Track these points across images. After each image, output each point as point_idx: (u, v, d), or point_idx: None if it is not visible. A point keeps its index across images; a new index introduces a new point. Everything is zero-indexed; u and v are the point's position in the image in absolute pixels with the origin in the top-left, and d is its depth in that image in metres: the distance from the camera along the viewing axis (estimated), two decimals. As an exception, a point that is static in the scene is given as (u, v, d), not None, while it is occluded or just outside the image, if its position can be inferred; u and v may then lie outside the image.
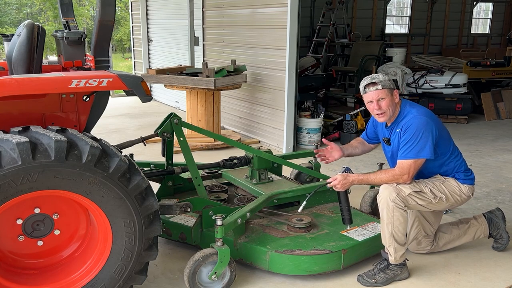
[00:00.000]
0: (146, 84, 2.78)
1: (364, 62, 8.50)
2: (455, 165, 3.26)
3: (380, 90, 3.11)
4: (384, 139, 3.33)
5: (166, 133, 3.46)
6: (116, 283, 2.66)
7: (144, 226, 2.63)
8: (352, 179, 3.15)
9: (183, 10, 8.10)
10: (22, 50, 2.93)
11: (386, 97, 3.12)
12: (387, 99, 3.12)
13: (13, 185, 2.29)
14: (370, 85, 3.14)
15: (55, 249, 2.74)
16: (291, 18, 5.90)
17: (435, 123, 3.13)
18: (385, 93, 3.11)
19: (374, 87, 3.12)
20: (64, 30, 3.36)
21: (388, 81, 3.14)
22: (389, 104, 3.13)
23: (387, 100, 3.12)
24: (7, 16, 23.78)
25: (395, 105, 3.17)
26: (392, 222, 3.07)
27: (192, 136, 6.36)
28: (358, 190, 4.30)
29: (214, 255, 2.95)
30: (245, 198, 3.86)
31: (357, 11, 12.68)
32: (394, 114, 3.20)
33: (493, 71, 9.25)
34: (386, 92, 3.11)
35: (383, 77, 3.14)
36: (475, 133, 7.71)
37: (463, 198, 3.28)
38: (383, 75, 3.16)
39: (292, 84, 6.15)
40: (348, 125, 6.76)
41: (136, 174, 2.57)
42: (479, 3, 15.54)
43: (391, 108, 3.14)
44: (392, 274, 3.15)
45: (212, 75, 6.01)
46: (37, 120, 2.68)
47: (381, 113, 3.15)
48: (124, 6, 22.48)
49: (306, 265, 3.13)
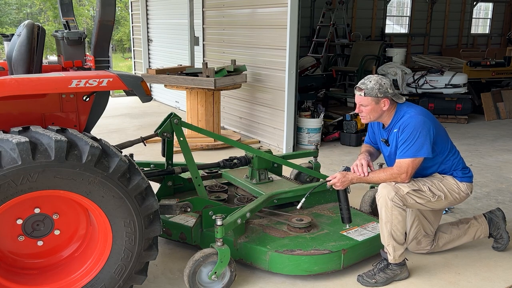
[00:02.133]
0: (146, 84, 2.78)
1: (364, 62, 8.51)
2: (452, 163, 3.27)
3: (363, 97, 3.15)
4: (382, 140, 3.34)
5: (166, 133, 3.46)
6: (116, 283, 2.66)
7: (144, 226, 2.63)
8: (351, 178, 3.17)
9: (183, 10, 8.10)
10: (22, 50, 2.93)
11: (369, 105, 3.15)
12: (369, 107, 3.15)
13: (13, 185, 2.29)
14: (357, 89, 3.19)
15: (55, 249, 2.74)
16: (291, 18, 5.90)
17: (433, 122, 3.14)
18: (367, 101, 3.14)
19: (359, 92, 3.17)
20: (64, 30, 3.36)
21: (377, 89, 3.10)
22: (370, 111, 3.17)
23: (369, 107, 3.16)
24: (7, 16, 23.78)
25: (381, 112, 3.18)
26: (390, 221, 3.07)
27: (192, 136, 6.36)
28: (358, 190, 4.30)
29: (214, 255, 2.95)
30: (245, 198, 3.86)
31: (357, 11, 12.69)
32: (389, 116, 3.21)
33: (493, 71, 9.26)
34: (369, 100, 3.14)
35: (372, 85, 3.11)
36: (475, 133, 7.71)
37: (461, 196, 3.28)
38: (374, 83, 3.11)
39: (292, 84, 6.15)
40: (348, 125, 6.76)
41: (136, 174, 2.57)
42: (479, 3, 15.55)
43: (372, 115, 3.19)
44: (392, 273, 3.16)
45: (212, 75, 6.01)
46: (37, 120, 2.68)
47: (361, 116, 3.24)
48: (124, 6, 22.48)
49: (306, 265, 3.13)
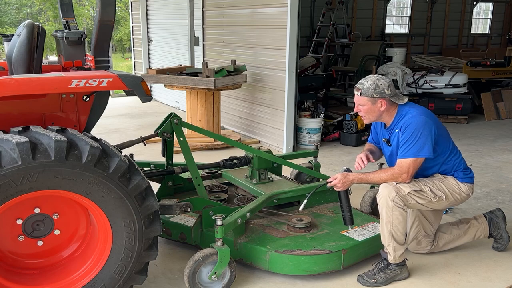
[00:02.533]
0: (146, 84, 2.78)
1: (364, 62, 8.51)
2: (454, 164, 3.27)
3: (359, 97, 3.17)
4: (384, 139, 3.33)
5: (166, 133, 3.46)
6: (116, 283, 2.66)
7: (144, 226, 2.63)
8: (352, 178, 3.17)
9: (183, 10, 8.10)
10: (22, 50, 2.93)
11: (365, 105, 3.16)
12: (366, 106, 3.16)
13: (13, 185, 2.29)
14: (355, 88, 3.21)
15: (55, 249, 2.74)
16: (291, 18, 5.90)
17: (434, 123, 3.14)
18: (363, 101, 3.15)
19: (356, 92, 3.19)
20: (64, 30, 3.36)
21: (373, 90, 3.09)
22: (367, 111, 3.18)
23: (366, 107, 3.17)
24: (7, 16, 23.78)
25: (379, 112, 3.18)
26: (391, 221, 3.07)
27: (192, 136, 6.36)
28: (358, 190, 4.30)
29: (214, 255, 2.95)
30: (245, 198, 3.86)
31: (357, 11, 12.68)
32: (390, 116, 3.21)
33: (493, 71, 9.26)
34: (365, 100, 3.14)
35: (368, 85, 3.11)
36: (475, 133, 7.71)
37: (462, 196, 3.28)
38: (371, 83, 3.11)
39: (292, 84, 6.15)
40: (348, 125, 6.75)
41: (136, 174, 2.57)
42: (479, 3, 15.54)
43: (370, 115, 3.20)
44: (392, 273, 3.15)
45: (212, 75, 6.01)
46: (37, 120, 2.68)
47: (361, 116, 3.26)
48: (124, 6, 22.47)
49: (306, 265, 3.13)
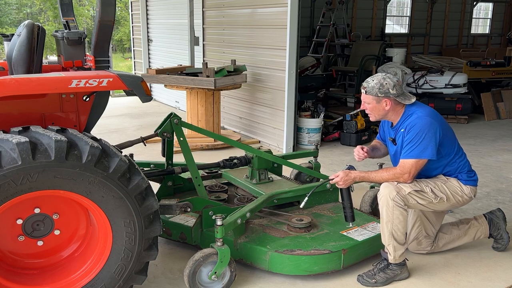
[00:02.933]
0: (146, 84, 2.78)
1: (364, 62, 8.50)
2: (458, 166, 3.26)
3: (365, 95, 3.19)
4: (390, 138, 3.33)
5: (166, 133, 3.46)
6: (116, 283, 2.66)
7: (144, 226, 2.63)
8: (354, 176, 3.18)
9: (183, 10, 8.10)
10: (22, 50, 2.93)
11: (371, 103, 3.17)
12: (371, 104, 3.18)
13: (13, 185, 2.29)
14: (362, 86, 3.22)
15: (55, 249, 2.74)
16: (291, 18, 5.90)
17: (440, 124, 3.13)
18: (369, 99, 3.17)
19: (362, 90, 3.21)
20: (64, 30, 3.36)
21: (377, 89, 3.10)
22: (372, 110, 3.20)
23: (371, 105, 3.18)
24: (7, 16, 23.79)
25: (384, 111, 3.18)
26: (391, 221, 3.07)
27: (192, 136, 6.36)
28: (359, 190, 4.29)
29: (214, 255, 2.95)
30: (245, 198, 3.86)
31: (357, 11, 12.68)
32: (397, 115, 3.21)
33: (493, 71, 9.25)
34: (370, 99, 3.16)
35: (373, 84, 3.12)
36: (475, 133, 7.71)
37: (464, 199, 3.27)
38: (376, 82, 3.12)
39: (292, 84, 6.15)
40: (348, 125, 6.75)
41: (136, 174, 2.57)
42: (479, 3, 15.54)
43: (375, 113, 3.21)
44: (392, 273, 3.15)
45: (212, 75, 6.01)
46: (37, 120, 2.68)
47: (367, 113, 3.26)
48: (124, 6, 22.47)
49: (306, 265, 3.13)
